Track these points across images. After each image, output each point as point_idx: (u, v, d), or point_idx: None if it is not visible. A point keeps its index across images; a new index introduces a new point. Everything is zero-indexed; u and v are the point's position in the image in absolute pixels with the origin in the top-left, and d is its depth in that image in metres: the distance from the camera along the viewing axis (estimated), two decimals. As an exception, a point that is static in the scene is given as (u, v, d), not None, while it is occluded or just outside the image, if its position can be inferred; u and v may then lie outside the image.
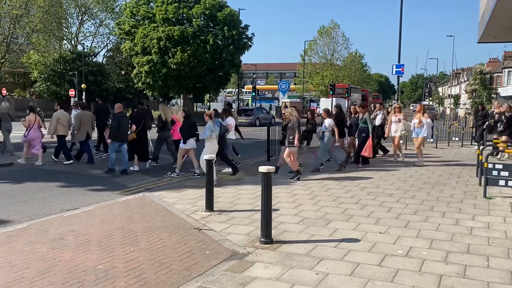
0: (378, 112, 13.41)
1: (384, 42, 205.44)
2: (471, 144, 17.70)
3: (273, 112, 46.63)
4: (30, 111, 12.29)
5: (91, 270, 4.62)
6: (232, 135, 11.43)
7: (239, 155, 12.52)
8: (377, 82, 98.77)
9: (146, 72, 35.77)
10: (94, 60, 49.15)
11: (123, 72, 51.19)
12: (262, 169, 5.32)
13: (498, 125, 13.17)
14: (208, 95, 55.89)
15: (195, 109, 46.06)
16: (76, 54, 45.52)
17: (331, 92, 41.39)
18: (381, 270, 4.58)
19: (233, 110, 13.43)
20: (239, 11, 38.97)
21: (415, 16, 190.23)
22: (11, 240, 5.61)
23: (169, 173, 10.67)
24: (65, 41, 49.89)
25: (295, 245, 5.36)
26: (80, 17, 49.45)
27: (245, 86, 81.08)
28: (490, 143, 11.83)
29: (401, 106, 13.73)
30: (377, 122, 13.13)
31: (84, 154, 12.69)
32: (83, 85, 39.55)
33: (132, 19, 37.51)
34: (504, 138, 12.68)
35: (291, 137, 9.57)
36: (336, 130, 11.05)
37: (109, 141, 11.27)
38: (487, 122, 15.35)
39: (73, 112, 14.20)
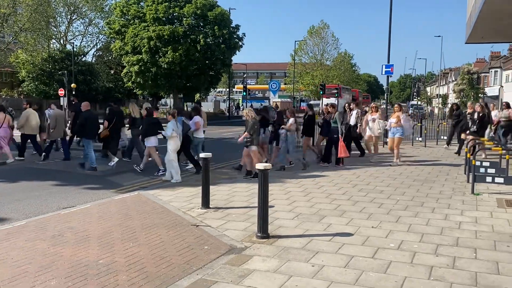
0: (353, 111, 13.48)
1: (373, 42, 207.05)
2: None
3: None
4: (0, 110, 12.40)
5: (92, 264, 4.73)
6: (201, 133, 11.74)
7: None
8: (366, 82, 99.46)
9: (136, 71, 35.71)
10: (83, 59, 48.84)
11: (112, 72, 50.95)
12: (259, 166, 5.48)
13: (470, 125, 13.05)
14: (198, 95, 55.92)
15: (186, 108, 46.04)
16: (65, 53, 45.18)
17: (321, 92, 41.69)
18: (374, 262, 4.76)
19: (203, 109, 13.86)
20: (229, 11, 39.09)
21: (403, 17, 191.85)
22: (11, 237, 5.68)
23: (156, 173, 10.68)
24: (53, 40, 49.49)
25: (291, 240, 5.52)
26: (69, 16, 49.07)
27: (236, 86, 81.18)
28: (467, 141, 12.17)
29: (377, 105, 13.53)
30: (352, 121, 13.24)
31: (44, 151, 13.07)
32: (73, 85, 39.29)
33: (122, 19, 37.39)
34: (472, 137, 12.68)
35: (248, 138, 9.74)
36: (294, 128, 11.07)
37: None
38: (461, 122, 15.42)
39: (48, 112, 14.20)
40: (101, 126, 12.23)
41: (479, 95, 50.18)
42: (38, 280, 4.30)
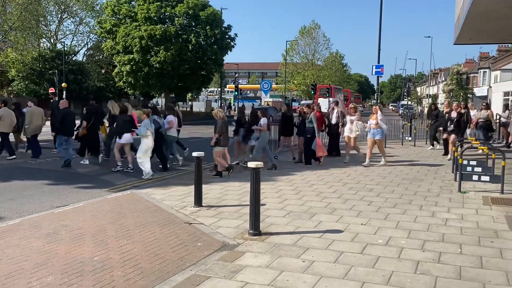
0: (334, 110, 13.58)
1: (364, 42, 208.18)
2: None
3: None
4: None
5: (88, 261, 4.82)
6: (174, 131, 12.03)
7: (187, 149, 13.20)
8: (357, 82, 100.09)
9: (127, 71, 35.64)
10: (74, 58, 48.58)
11: (103, 71, 50.76)
12: (251, 164, 5.60)
13: (448, 124, 13.12)
14: (190, 94, 55.89)
15: (176, 107, 45.98)
16: (55, 52, 44.92)
17: (312, 92, 41.93)
18: (363, 257, 4.91)
19: (176, 108, 14.19)
20: (221, 11, 39.16)
21: (394, 17, 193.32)
22: (5, 235, 5.74)
23: (113, 168, 11.15)
24: (44, 39, 49.15)
25: (282, 236, 5.65)
26: (59, 15, 48.82)
27: (227, 85, 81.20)
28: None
29: (356, 106, 13.38)
30: (333, 120, 13.35)
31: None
32: (63, 84, 39.09)
33: (113, 18, 37.28)
34: (453, 137, 12.66)
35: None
36: (265, 128, 11.23)
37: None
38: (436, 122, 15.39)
39: (25, 109, 14.29)
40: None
41: (468, 95, 50.77)
42: (34, 277, 4.38)
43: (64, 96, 38.19)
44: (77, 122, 12.37)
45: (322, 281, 4.24)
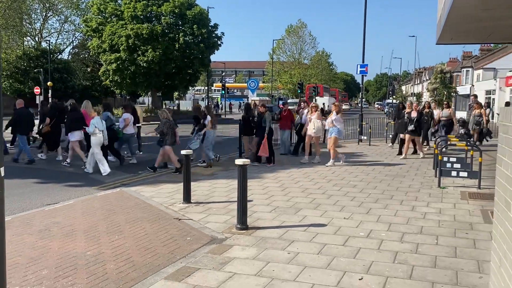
0: (304, 110, 13.61)
1: (350, 41, 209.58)
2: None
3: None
4: None
5: (81, 255, 4.99)
6: (130, 129, 12.40)
7: (141, 152, 13.93)
8: (343, 81, 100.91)
9: (114, 69, 35.53)
10: (59, 57, 48.19)
11: (89, 69, 50.44)
12: (239, 161, 5.82)
13: (409, 124, 12.94)
14: (176, 93, 55.86)
15: (164, 106, 45.95)
16: (40, 51, 44.54)
17: (299, 91, 42.30)
18: (345, 249, 5.16)
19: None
20: (208, 10, 39.25)
21: (379, 17, 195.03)
22: (-2, 232, 5.86)
23: (63, 163, 11.76)
24: (28, 38, 48.66)
25: (268, 230, 5.88)
26: (44, 13, 48.36)
27: (214, 84, 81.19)
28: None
29: (317, 105, 13.29)
30: (303, 120, 13.34)
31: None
32: (49, 83, 38.79)
33: (99, 16, 37.12)
34: (408, 137, 12.84)
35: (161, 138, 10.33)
36: (209, 126, 11.38)
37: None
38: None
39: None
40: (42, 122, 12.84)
41: (452, 93, 51.68)
42: (29, 270, 4.53)
43: (50, 94, 37.93)
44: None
45: (306, 271, 4.48)
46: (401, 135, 14.05)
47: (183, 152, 7.60)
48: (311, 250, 5.10)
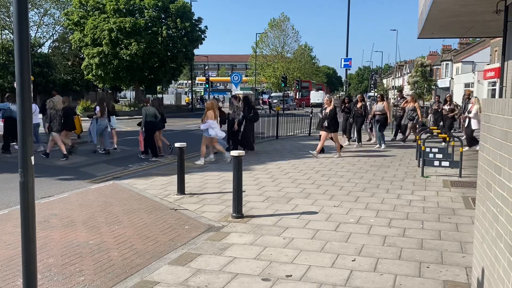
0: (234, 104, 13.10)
1: (331, 34, 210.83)
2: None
3: (226, 104, 47.27)
4: None
5: (84, 244, 5.16)
6: (36, 119, 13.33)
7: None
8: (325, 74, 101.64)
9: (96, 63, 35.18)
10: (39, 51, 47.31)
11: (70, 63, 49.69)
12: (234, 153, 6.05)
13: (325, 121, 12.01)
14: (159, 87, 55.52)
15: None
16: (19, 44, 43.65)
17: (282, 85, 42.62)
18: (337, 234, 5.45)
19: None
20: (191, 3, 39.11)
21: (360, 10, 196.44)
22: (-2, 224, 5.97)
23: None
24: (6, 31, 47.62)
25: (263, 218, 6.14)
26: (22, 6, 47.28)
27: (197, 78, 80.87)
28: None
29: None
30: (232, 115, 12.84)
31: None
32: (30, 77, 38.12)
33: (81, 10, 36.63)
34: (324, 134, 11.93)
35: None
36: (99, 115, 12.71)
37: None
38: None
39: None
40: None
41: (432, 86, 52.72)
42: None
43: (31, 89, 37.30)
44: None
45: (302, 254, 4.76)
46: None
47: (177, 145, 7.78)
48: (305, 236, 5.37)
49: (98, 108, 12.98)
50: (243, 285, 4.03)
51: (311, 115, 18.89)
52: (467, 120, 13.47)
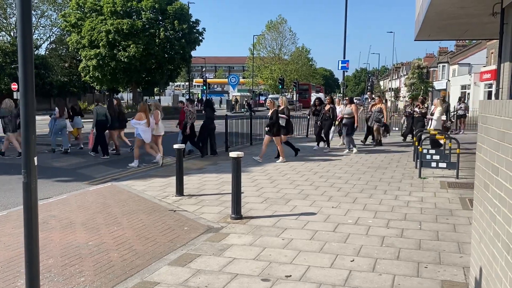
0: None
1: (329, 37, 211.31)
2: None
3: (223, 106, 47.34)
4: None
5: (83, 246, 5.17)
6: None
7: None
8: (322, 76, 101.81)
9: (94, 65, 35.15)
10: (36, 52, 47.25)
11: (66, 65, 49.63)
12: (233, 154, 6.07)
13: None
14: (157, 89, 55.49)
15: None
16: (16, 46, 43.39)
17: (280, 87, 42.70)
18: (335, 235, 5.48)
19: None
20: (188, 5, 39.14)
21: (357, 12, 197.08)
22: (-4, 226, 5.97)
23: None
24: (3, 33, 47.58)
25: (262, 219, 6.16)
26: (19, 8, 47.22)
27: (194, 80, 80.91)
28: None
29: (157, 104, 12.85)
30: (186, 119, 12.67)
31: None
32: (26, 79, 38.02)
33: (78, 11, 36.61)
34: (267, 138, 11.43)
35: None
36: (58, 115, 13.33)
37: None
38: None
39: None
40: None
41: (428, 88, 52.93)
42: (35, 260, 4.69)
43: (34, 91, 37.21)
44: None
45: (301, 255, 4.78)
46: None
47: (175, 146, 7.80)
48: (304, 236, 5.40)
49: (57, 109, 13.59)
50: (242, 285, 4.05)
51: (308, 117, 18.93)
52: (430, 121, 13.43)
